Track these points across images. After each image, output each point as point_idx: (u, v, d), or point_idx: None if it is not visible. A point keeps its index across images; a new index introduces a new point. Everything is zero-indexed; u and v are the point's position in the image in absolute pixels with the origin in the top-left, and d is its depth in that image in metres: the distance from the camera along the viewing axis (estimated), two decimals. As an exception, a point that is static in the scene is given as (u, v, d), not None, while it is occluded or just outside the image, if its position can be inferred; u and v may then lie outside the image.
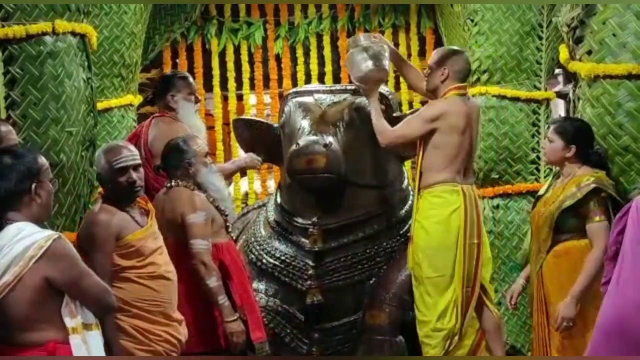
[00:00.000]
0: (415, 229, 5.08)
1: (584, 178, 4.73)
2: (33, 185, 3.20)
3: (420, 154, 5.10)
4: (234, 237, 5.70)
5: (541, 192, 5.13)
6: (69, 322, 3.16)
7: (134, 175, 4.21)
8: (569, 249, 4.78)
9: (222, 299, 4.56)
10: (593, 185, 4.68)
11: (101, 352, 3.30)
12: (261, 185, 8.65)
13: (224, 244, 4.71)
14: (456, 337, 5.05)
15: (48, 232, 3.17)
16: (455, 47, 5.53)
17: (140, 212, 4.28)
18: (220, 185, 4.94)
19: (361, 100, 5.47)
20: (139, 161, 4.32)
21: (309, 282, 5.41)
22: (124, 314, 4.05)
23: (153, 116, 5.59)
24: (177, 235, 4.55)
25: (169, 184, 4.71)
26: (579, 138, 4.83)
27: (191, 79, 5.68)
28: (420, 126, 5.05)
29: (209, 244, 4.58)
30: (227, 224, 4.85)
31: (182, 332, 4.28)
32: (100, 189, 4.80)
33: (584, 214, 4.73)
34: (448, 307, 5.00)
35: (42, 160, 3.28)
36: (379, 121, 5.17)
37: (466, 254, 5.00)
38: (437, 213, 5.03)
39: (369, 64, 5.17)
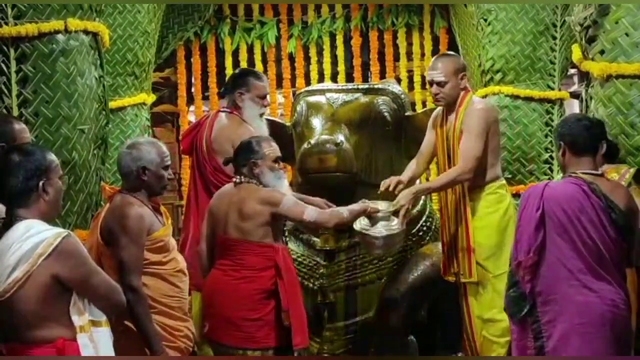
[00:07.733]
0: (475, 234, 4.97)
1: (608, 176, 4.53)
2: (41, 183, 3.19)
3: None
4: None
5: None
6: (77, 321, 3.15)
7: (168, 173, 4.30)
8: None
9: None
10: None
11: (109, 349, 3.31)
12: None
13: (280, 246, 4.60)
14: None
15: (57, 230, 3.16)
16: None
17: (154, 208, 4.29)
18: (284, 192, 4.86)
19: (373, 99, 5.47)
20: None
21: (320, 280, 5.42)
22: (151, 311, 4.07)
23: (220, 110, 5.40)
24: (257, 225, 4.49)
25: (237, 180, 4.67)
26: None
27: (265, 81, 5.42)
28: (484, 135, 4.97)
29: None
30: (284, 228, 4.83)
31: (192, 328, 4.33)
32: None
33: None
34: None
35: (51, 157, 3.27)
36: (446, 177, 5.00)
37: None
38: (496, 209, 5.01)
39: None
